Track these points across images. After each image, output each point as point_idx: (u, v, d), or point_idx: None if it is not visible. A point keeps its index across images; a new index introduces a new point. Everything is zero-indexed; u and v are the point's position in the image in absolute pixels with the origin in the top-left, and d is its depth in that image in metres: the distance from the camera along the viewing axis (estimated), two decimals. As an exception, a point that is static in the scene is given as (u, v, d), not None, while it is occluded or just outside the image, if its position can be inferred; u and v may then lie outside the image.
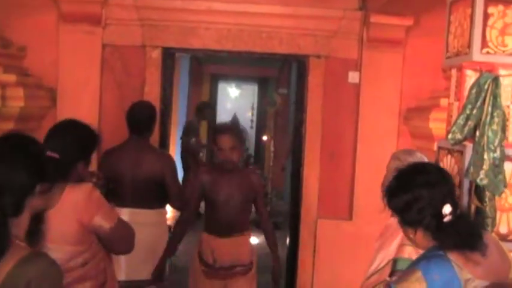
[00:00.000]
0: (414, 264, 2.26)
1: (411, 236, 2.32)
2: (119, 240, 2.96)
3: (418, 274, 2.15)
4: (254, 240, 7.68)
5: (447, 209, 2.19)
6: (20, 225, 2.07)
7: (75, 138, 2.99)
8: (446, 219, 2.19)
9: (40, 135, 4.74)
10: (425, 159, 3.18)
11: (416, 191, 2.24)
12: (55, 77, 4.96)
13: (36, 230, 2.28)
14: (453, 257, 2.17)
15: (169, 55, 5.29)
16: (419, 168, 2.41)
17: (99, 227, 2.82)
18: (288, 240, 5.63)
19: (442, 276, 2.13)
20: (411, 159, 3.13)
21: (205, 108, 9.40)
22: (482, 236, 2.21)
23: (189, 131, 9.08)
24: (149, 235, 4.27)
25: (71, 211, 2.74)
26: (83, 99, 4.97)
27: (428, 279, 2.12)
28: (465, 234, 2.18)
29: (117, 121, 4.90)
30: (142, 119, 4.33)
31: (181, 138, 9.24)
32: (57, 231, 2.67)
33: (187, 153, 8.97)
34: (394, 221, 3.13)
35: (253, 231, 8.44)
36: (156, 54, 5.10)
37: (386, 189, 2.40)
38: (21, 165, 2.06)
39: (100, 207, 2.84)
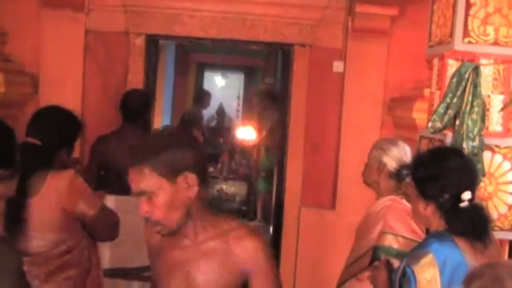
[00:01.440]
0: (425, 245, 2.29)
1: (421, 209, 2.34)
2: (102, 227, 2.95)
3: (430, 257, 2.18)
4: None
5: (467, 195, 2.25)
6: None
7: (58, 125, 2.97)
8: (462, 204, 2.25)
9: (22, 122, 4.70)
10: (408, 149, 3.19)
11: (448, 168, 2.30)
12: (37, 63, 4.91)
13: (17, 219, 2.27)
14: (460, 243, 2.22)
15: (153, 42, 5.25)
16: (455, 151, 2.50)
17: (83, 214, 2.81)
18: (271, 229, 5.64)
19: (452, 262, 2.18)
20: (394, 149, 3.15)
21: (205, 96, 9.23)
22: (490, 230, 2.31)
23: (189, 122, 8.70)
24: (140, 223, 4.25)
25: (54, 198, 2.73)
26: (65, 86, 4.92)
27: (439, 263, 2.16)
28: (477, 224, 2.24)
29: (101, 108, 4.88)
30: (135, 107, 4.31)
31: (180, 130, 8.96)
32: (40, 219, 2.67)
33: None
34: (375, 209, 3.16)
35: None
36: (139, 41, 5.06)
37: (417, 157, 2.49)
38: None
39: (83, 194, 2.83)
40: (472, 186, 2.32)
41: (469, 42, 2.84)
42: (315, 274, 5.10)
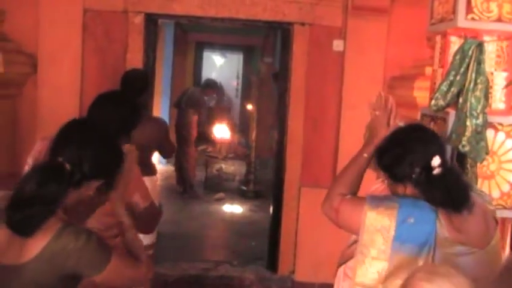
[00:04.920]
0: (399, 198, 2.24)
1: (401, 193, 2.28)
2: (147, 221, 2.97)
3: (394, 206, 2.16)
4: (237, 208, 7.78)
5: (436, 160, 2.16)
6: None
7: (118, 111, 2.95)
8: (435, 171, 2.16)
9: (21, 102, 4.67)
10: None
11: (408, 145, 2.25)
12: (35, 42, 4.87)
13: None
14: (441, 215, 2.15)
15: (152, 21, 5.21)
16: (413, 126, 2.43)
17: (136, 205, 2.82)
18: (271, 208, 5.64)
19: (415, 220, 2.14)
20: None
21: (213, 86, 9.03)
22: (469, 194, 2.17)
23: (187, 103, 8.42)
24: None
25: None
26: (64, 65, 4.90)
27: (399, 217, 2.13)
28: (454, 190, 2.14)
29: (99, 87, 4.79)
30: (134, 87, 4.27)
31: (176, 106, 8.69)
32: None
33: (182, 126, 8.34)
34: (375, 189, 3.14)
35: (237, 199, 8.45)
36: (138, 20, 5.02)
37: (379, 147, 2.39)
38: (99, 156, 2.15)
39: (140, 185, 2.84)
40: (439, 152, 2.21)
41: (472, 19, 2.81)
42: (315, 254, 5.11)
